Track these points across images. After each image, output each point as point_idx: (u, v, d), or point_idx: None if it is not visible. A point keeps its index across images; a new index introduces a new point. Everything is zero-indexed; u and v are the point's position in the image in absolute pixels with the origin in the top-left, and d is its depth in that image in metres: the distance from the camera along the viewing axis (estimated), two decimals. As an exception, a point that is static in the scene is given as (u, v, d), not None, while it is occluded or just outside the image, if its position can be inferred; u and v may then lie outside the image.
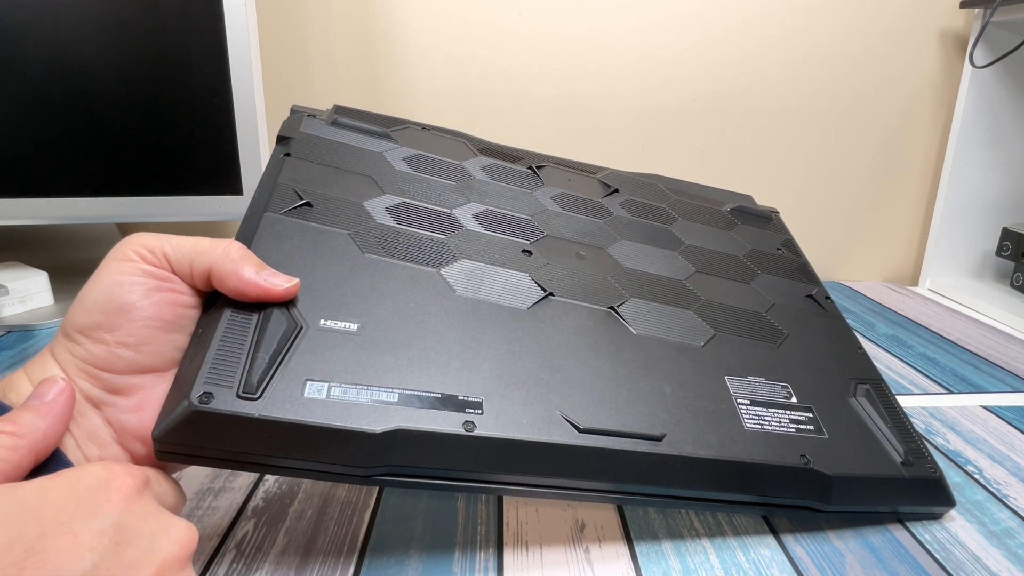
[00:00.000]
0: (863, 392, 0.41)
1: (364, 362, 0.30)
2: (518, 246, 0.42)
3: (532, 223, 0.44)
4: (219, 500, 0.37)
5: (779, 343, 0.42)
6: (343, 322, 0.32)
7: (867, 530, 0.37)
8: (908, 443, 0.38)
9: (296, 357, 0.29)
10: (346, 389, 0.29)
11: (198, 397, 0.26)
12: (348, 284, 0.34)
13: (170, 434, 0.26)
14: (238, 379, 0.27)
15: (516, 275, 0.39)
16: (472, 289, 0.37)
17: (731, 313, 0.43)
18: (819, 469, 0.34)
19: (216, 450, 0.27)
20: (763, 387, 0.38)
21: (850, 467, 0.35)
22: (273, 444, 0.27)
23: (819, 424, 0.37)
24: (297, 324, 0.31)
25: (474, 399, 0.31)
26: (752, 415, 0.36)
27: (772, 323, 0.44)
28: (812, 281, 0.50)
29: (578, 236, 0.45)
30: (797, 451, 0.35)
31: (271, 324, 0.30)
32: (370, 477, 0.29)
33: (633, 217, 0.50)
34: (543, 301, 0.38)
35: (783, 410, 0.37)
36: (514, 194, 0.47)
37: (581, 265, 0.42)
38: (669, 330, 0.39)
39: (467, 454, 0.29)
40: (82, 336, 0.28)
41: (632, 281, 0.43)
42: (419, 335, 0.33)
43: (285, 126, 0.45)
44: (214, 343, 0.28)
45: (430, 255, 0.38)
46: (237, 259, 0.30)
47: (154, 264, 0.29)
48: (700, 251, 0.49)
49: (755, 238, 0.53)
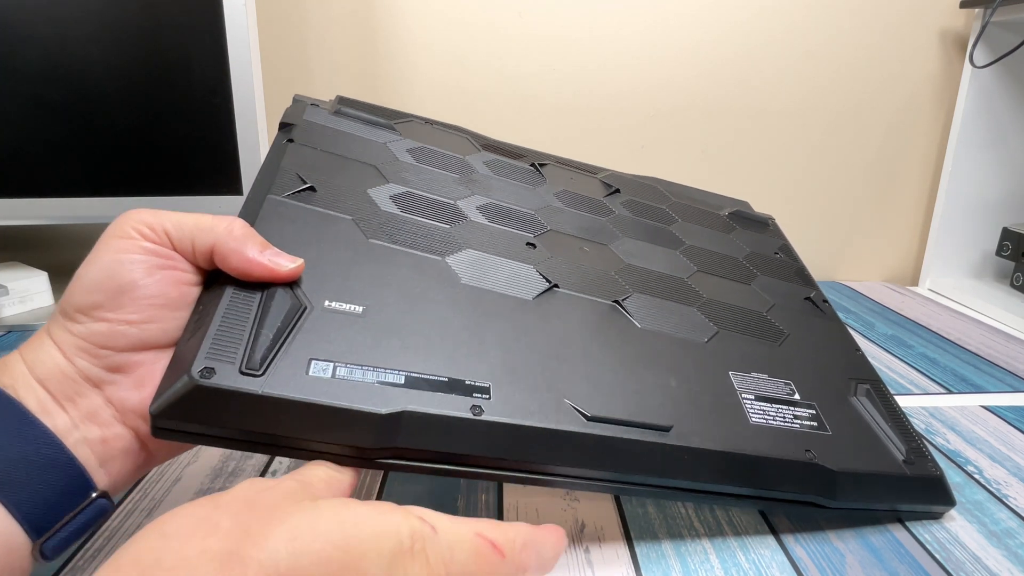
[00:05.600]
0: (863, 392, 0.41)
1: (370, 344, 0.30)
2: (522, 239, 0.42)
3: (535, 217, 0.44)
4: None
5: (780, 342, 0.42)
6: (348, 304, 0.31)
7: (867, 530, 0.37)
8: (909, 442, 0.38)
9: (300, 336, 0.29)
10: (351, 369, 0.28)
11: (199, 372, 0.25)
12: (353, 268, 0.33)
13: (168, 410, 0.25)
14: (241, 355, 0.27)
15: (521, 266, 0.39)
16: (477, 278, 0.37)
17: (733, 311, 0.43)
18: (824, 464, 0.34)
19: (217, 428, 0.26)
20: (766, 383, 0.38)
21: (854, 463, 0.35)
22: (276, 423, 0.26)
23: (822, 421, 0.37)
24: (301, 304, 0.30)
25: (481, 384, 0.30)
26: (757, 410, 0.36)
27: (773, 323, 0.44)
28: (809, 284, 0.50)
29: (581, 232, 0.45)
30: (802, 446, 0.35)
31: (275, 303, 0.29)
32: (374, 460, 0.28)
33: (635, 216, 0.50)
34: (548, 293, 0.38)
35: (787, 406, 0.37)
36: (517, 189, 0.47)
37: (584, 259, 0.42)
38: (673, 325, 0.40)
39: (474, 439, 0.29)
40: (82, 315, 0.28)
41: (635, 277, 0.43)
42: (425, 320, 0.32)
43: (288, 113, 0.45)
44: (216, 319, 0.28)
45: (435, 243, 0.38)
46: (241, 237, 0.30)
47: (155, 241, 0.29)
48: (700, 251, 0.49)
49: (753, 242, 0.54)
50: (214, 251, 0.29)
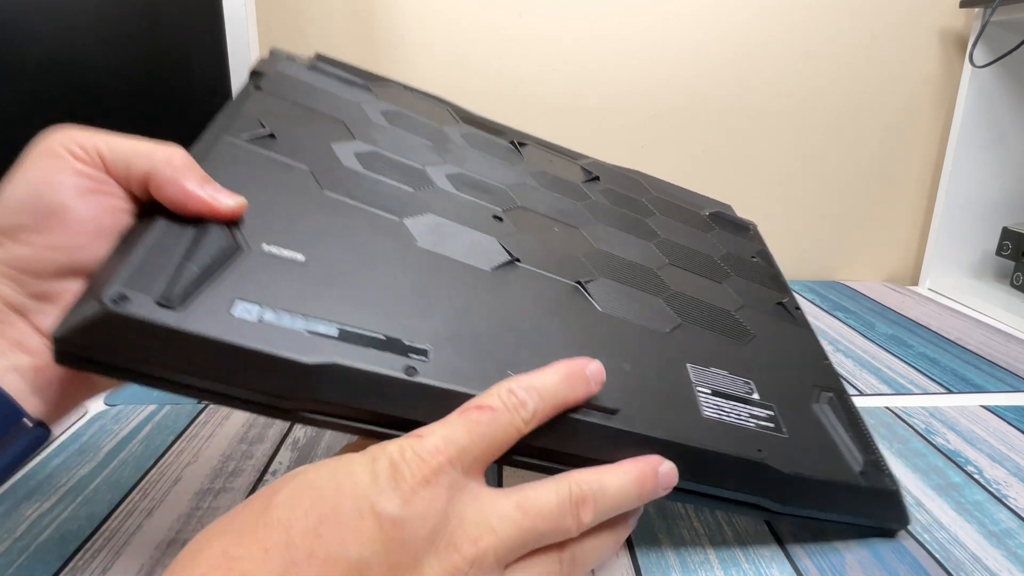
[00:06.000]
0: (827, 399, 0.39)
1: (306, 292, 0.28)
2: (489, 211, 0.39)
3: (507, 192, 0.42)
4: (219, 500, 0.37)
5: (746, 342, 0.40)
6: (289, 251, 0.29)
7: (866, 530, 0.37)
8: (868, 454, 0.37)
9: (230, 276, 0.27)
10: (280, 315, 0.26)
11: (111, 298, 0.23)
12: (302, 218, 0.31)
13: (74, 335, 0.24)
14: (160, 287, 0.25)
15: (484, 237, 0.37)
16: (435, 243, 0.34)
17: (700, 307, 0.41)
18: (775, 465, 0.32)
19: (124, 359, 0.24)
20: (725, 380, 0.36)
21: (807, 468, 0.34)
22: (189, 361, 0.24)
23: (779, 423, 0.35)
24: (238, 244, 0.28)
25: (420, 346, 0.28)
26: (711, 404, 0.34)
27: (740, 322, 0.42)
28: (783, 290, 0.49)
29: (553, 212, 0.43)
30: (754, 445, 0.33)
31: (208, 239, 0.27)
32: (295, 412, 0.26)
33: (611, 204, 0.48)
34: (509, 266, 0.36)
35: (744, 404, 0.35)
36: (492, 164, 0.45)
37: (552, 239, 0.40)
38: (635, 312, 0.38)
39: (404, 401, 0.27)
40: (4, 238, 0.26)
41: (603, 262, 0.41)
42: (370, 276, 0.30)
43: (261, 63, 0.43)
44: (141, 247, 0.26)
45: (395, 204, 0.35)
46: (180, 168, 0.27)
47: (87, 163, 0.27)
48: (675, 246, 0.47)
49: (731, 243, 0.52)
50: (149, 179, 0.27)
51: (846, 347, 0.64)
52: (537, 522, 0.25)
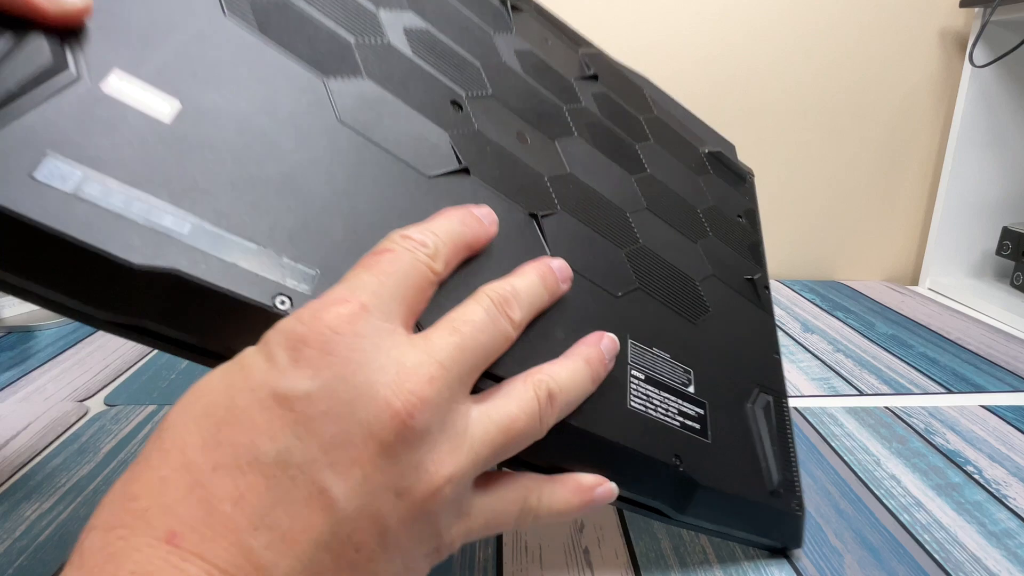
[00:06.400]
0: (763, 403, 0.37)
1: (159, 161, 0.20)
2: (449, 93, 0.31)
3: (478, 71, 0.34)
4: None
5: (698, 320, 0.36)
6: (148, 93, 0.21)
7: (866, 530, 0.37)
8: (785, 473, 0.35)
9: (44, 113, 0.19)
10: (111, 191, 0.19)
11: None
12: (184, 49, 0.22)
13: None
14: None
15: (433, 128, 0.29)
16: (364, 123, 0.26)
17: (664, 269, 0.36)
18: (689, 474, 0.30)
19: None
20: (664, 365, 0.32)
21: (720, 482, 0.31)
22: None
23: (706, 425, 0.32)
24: (67, 67, 0.20)
25: (305, 269, 0.22)
26: (640, 393, 0.30)
27: (701, 295, 0.38)
28: (759, 264, 0.44)
29: (527, 112, 0.35)
30: (672, 449, 0.30)
31: (21, 52, 0.19)
32: (115, 324, 0.20)
33: (601, 116, 0.41)
34: (455, 175, 0.28)
35: (676, 397, 0.32)
36: (469, 26, 0.36)
37: (518, 150, 0.33)
38: (589, 266, 0.32)
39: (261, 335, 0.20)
40: None
41: (570, 191, 0.34)
42: (261, 154, 0.23)
43: None
44: None
45: (321, 54, 0.27)
46: None
47: None
48: (658, 186, 0.41)
49: (721, 194, 0.46)
50: None
51: (846, 347, 0.64)
52: (474, 332, 0.23)
